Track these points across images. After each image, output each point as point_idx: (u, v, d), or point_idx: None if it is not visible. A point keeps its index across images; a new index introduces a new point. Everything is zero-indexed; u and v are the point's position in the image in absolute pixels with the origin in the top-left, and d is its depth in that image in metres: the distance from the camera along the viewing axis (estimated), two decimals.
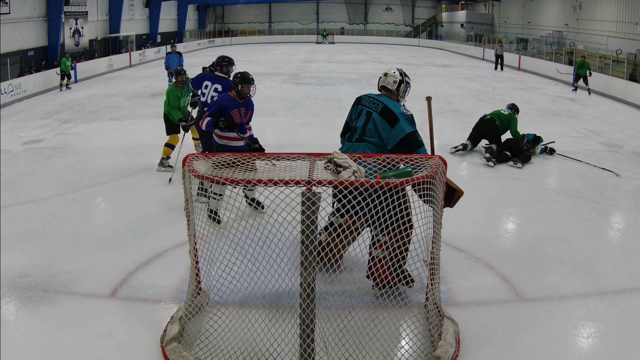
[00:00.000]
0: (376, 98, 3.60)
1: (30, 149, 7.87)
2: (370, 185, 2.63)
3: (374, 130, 3.50)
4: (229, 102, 4.68)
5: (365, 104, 3.62)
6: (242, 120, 4.78)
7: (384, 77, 3.73)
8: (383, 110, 3.48)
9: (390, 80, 3.68)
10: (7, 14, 16.85)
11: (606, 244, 4.74)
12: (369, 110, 3.55)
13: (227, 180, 2.69)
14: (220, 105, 4.65)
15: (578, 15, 25.08)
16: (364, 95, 3.71)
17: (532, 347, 3.10)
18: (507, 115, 7.40)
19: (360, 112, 3.62)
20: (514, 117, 7.43)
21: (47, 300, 3.54)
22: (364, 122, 3.54)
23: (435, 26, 42.58)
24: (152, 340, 3.08)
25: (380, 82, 3.74)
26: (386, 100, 3.56)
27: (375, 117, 3.49)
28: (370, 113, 3.53)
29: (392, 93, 3.69)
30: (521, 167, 6.81)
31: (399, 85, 3.67)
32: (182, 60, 13.34)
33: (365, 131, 3.53)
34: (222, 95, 4.82)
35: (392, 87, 3.68)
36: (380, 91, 3.74)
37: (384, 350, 2.97)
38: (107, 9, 25.02)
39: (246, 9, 43.40)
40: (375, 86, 4.03)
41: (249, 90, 4.69)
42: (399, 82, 3.67)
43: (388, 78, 3.69)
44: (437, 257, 3.20)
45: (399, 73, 3.71)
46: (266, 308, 3.37)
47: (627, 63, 16.22)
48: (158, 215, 5.19)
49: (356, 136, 3.58)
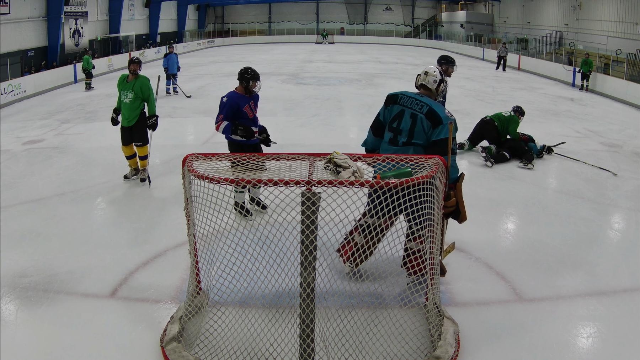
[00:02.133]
0: (418, 99, 3.52)
1: (30, 149, 7.87)
2: (370, 185, 2.64)
3: (422, 132, 3.46)
4: (240, 99, 4.78)
5: (406, 105, 3.53)
6: (254, 113, 4.91)
7: (424, 75, 3.65)
8: (429, 113, 3.45)
9: (430, 79, 3.61)
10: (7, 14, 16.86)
11: (606, 244, 4.74)
12: (414, 112, 3.48)
13: (227, 180, 2.69)
14: (232, 105, 4.72)
15: (578, 15, 25.09)
16: (400, 94, 3.61)
17: (532, 347, 3.10)
18: (507, 117, 7.31)
19: (402, 113, 3.53)
20: (515, 118, 7.35)
21: (47, 300, 3.54)
22: (410, 124, 3.48)
23: (435, 26, 42.59)
24: (152, 340, 3.08)
25: (420, 80, 3.67)
26: (430, 102, 3.50)
27: (422, 118, 3.45)
28: (415, 115, 3.47)
29: (432, 92, 3.63)
30: (532, 168, 6.79)
31: (439, 84, 3.62)
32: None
33: (413, 134, 3.48)
34: (230, 94, 4.79)
35: (432, 87, 3.62)
36: (419, 89, 3.68)
37: (384, 350, 2.97)
38: (107, 9, 25.04)
39: (246, 9, 43.41)
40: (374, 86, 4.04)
41: (256, 86, 4.85)
42: (438, 82, 3.62)
43: (428, 77, 3.62)
44: (437, 257, 3.20)
45: (439, 72, 3.64)
46: (266, 308, 3.37)
47: (627, 63, 16.23)
48: (158, 215, 5.19)
49: (403, 139, 3.51)
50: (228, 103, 4.69)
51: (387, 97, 3.66)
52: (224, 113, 4.68)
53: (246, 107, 4.78)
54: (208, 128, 9.41)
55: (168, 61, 12.99)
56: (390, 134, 3.59)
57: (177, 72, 13.23)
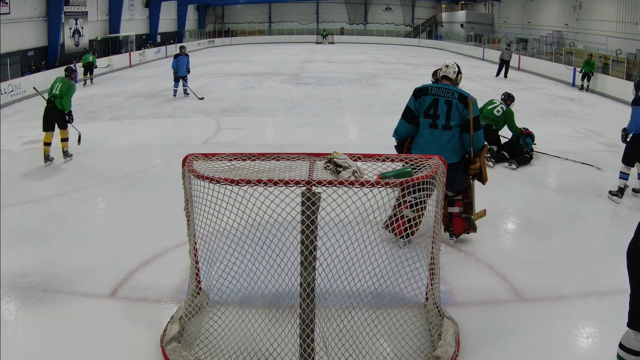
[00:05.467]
0: (447, 87, 4.18)
1: (30, 149, 7.87)
2: (370, 185, 2.64)
3: (457, 114, 4.12)
4: None
5: (438, 94, 4.15)
6: None
7: (445, 68, 4.38)
8: (460, 97, 4.13)
9: (450, 70, 4.36)
10: (7, 14, 16.86)
11: (606, 244, 4.74)
12: (447, 99, 4.13)
13: (227, 180, 2.69)
14: None
15: (578, 15, 25.09)
16: (429, 86, 4.24)
17: (532, 347, 3.10)
18: (500, 116, 7.22)
19: (436, 101, 4.14)
20: (510, 112, 7.21)
21: (47, 300, 3.54)
22: (446, 109, 4.12)
23: (435, 26, 42.59)
24: (152, 340, 3.08)
25: (442, 72, 4.38)
26: (457, 89, 4.19)
27: (456, 102, 4.11)
28: (450, 101, 4.11)
29: (452, 81, 4.35)
30: (515, 169, 6.80)
31: (457, 75, 4.40)
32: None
33: (450, 117, 4.13)
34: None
35: (452, 76, 4.35)
36: (441, 80, 4.37)
37: (384, 350, 2.97)
38: (107, 9, 25.04)
39: (246, 9, 43.40)
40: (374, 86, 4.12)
41: None
42: (457, 72, 4.38)
43: (449, 69, 4.36)
44: (437, 257, 3.20)
45: (456, 65, 4.43)
46: (266, 308, 3.37)
47: (627, 63, 16.24)
48: (158, 215, 5.19)
49: (442, 122, 4.14)
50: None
51: (415, 91, 4.25)
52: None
53: None
54: (208, 128, 9.42)
55: (178, 63, 12.63)
56: (428, 120, 4.19)
57: (187, 74, 12.89)
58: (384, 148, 7.74)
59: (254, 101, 12.05)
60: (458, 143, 4.19)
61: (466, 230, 4.51)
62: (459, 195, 4.40)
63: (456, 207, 4.42)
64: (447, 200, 4.41)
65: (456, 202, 4.42)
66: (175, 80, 12.83)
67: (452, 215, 4.44)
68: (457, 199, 4.41)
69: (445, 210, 4.43)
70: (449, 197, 4.39)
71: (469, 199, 4.48)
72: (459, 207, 4.42)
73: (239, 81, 16.29)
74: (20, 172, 6.65)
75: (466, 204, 4.46)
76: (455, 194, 4.39)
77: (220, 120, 9.93)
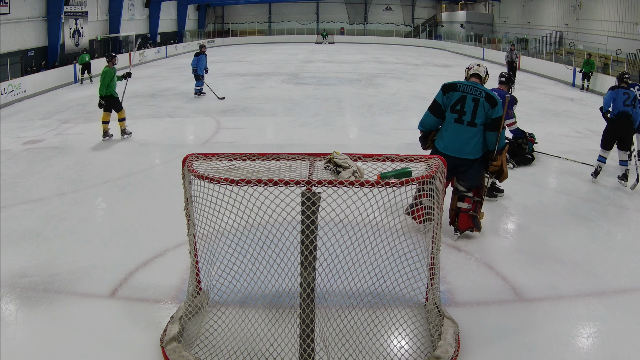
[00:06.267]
0: (476, 86, 4.32)
1: (30, 149, 7.87)
2: (370, 185, 2.64)
3: (483, 112, 4.25)
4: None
5: (467, 91, 4.30)
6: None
7: (476, 66, 4.58)
8: (487, 96, 4.28)
9: (481, 70, 4.56)
10: (7, 14, 16.84)
11: (606, 244, 4.74)
12: (475, 96, 4.27)
13: (227, 180, 2.69)
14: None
15: (578, 15, 25.08)
16: (457, 83, 4.36)
17: (532, 347, 3.10)
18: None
19: (464, 98, 4.29)
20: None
21: (47, 300, 3.54)
22: (473, 107, 4.26)
23: (435, 26, 42.58)
24: (152, 340, 3.08)
25: (473, 70, 4.55)
26: (484, 88, 4.34)
27: (482, 101, 4.26)
28: (477, 99, 4.26)
29: (482, 80, 4.50)
30: (512, 168, 6.81)
31: (486, 75, 4.57)
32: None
33: (476, 114, 4.26)
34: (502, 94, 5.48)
35: (482, 75, 4.52)
36: (471, 78, 4.50)
37: (384, 350, 2.97)
38: (107, 9, 25.01)
39: (246, 9, 43.38)
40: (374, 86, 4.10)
41: None
42: (486, 73, 4.57)
43: (481, 68, 4.57)
44: (437, 257, 3.21)
45: (486, 67, 4.64)
46: (266, 308, 3.37)
47: (627, 63, 16.24)
48: (158, 215, 5.19)
49: (467, 119, 4.29)
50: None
51: (444, 86, 4.40)
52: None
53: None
54: (208, 128, 9.42)
55: (198, 61, 12.50)
56: (454, 115, 4.33)
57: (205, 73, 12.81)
58: (384, 148, 7.77)
59: (254, 101, 12.05)
60: (480, 140, 4.32)
61: (470, 228, 4.60)
62: (470, 192, 4.52)
63: (465, 203, 4.53)
64: (457, 195, 4.55)
65: (466, 199, 4.52)
66: (196, 79, 12.75)
67: (459, 210, 4.55)
68: (468, 195, 4.52)
69: (454, 204, 4.59)
70: (460, 191, 4.53)
71: (480, 198, 4.57)
72: (467, 204, 4.52)
73: (239, 81, 16.28)
74: (20, 172, 6.65)
75: (475, 202, 4.55)
76: (466, 190, 4.50)
77: (220, 120, 9.93)
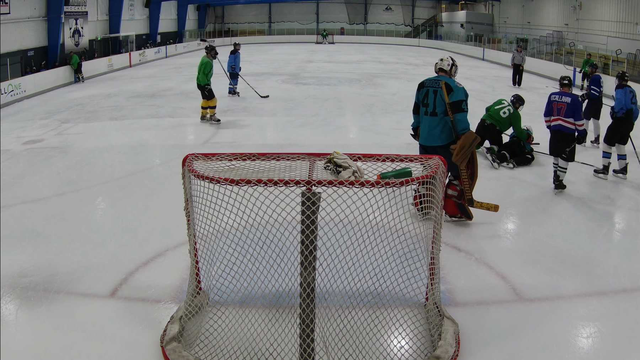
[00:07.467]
0: (437, 79, 4.77)
1: (30, 149, 7.87)
2: (370, 185, 2.64)
3: (442, 101, 4.65)
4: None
5: (429, 85, 4.78)
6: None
7: (440, 62, 4.93)
8: (445, 85, 4.65)
9: (445, 63, 4.88)
10: (7, 14, 16.84)
11: (606, 244, 4.74)
12: (434, 88, 4.72)
13: (227, 180, 2.69)
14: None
15: (578, 15, 25.09)
16: (426, 80, 4.87)
17: (532, 347, 3.10)
18: (506, 118, 7.24)
19: (427, 92, 4.77)
20: (517, 114, 7.26)
21: (47, 300, 3.54)
22: (434, 98, 4.70)
23: (435, 26, 42.58)
24: (152, 340, 3.08)
25: (438, 65, 4.91)
26: (444, 78, 4.76)
27: (439, 91, 4.68)
28: (436, 90, 4.70)
29: (447, 73, 4.85)
30: (512, 168, 6.81)
31: (451, 67, 4.87)
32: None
33: (435, 105, 4.70)
34: (574, 98, 5.87)
35: (447, 68, 4.85)
36: (438, 73, 4.88)
37: (384, 350, 2.97)
38: (107, 9, 25.00)
39: (246, 9, 43.37)
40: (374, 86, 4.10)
41: None
42: (451, 65, 4.87)
43: (444, 62, 4.90)
44: (437, 257, 3.21)
45: (451, 59, 4.95)
46: (266, 308, 3.37)
47: (627, 63, 16.23)
48: (158, 215, 5.19)
49: (430, 110, 4.74)
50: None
51: (418, 85, 4.91)
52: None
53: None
54: (208, 128, 9.42)
55: (235, 59, 12.42)
56: (424, 108, 4.83)
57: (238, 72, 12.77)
58: (384, 148, 7.77)
59: (254, 101, 12.07)
60: (445, 128, 4.71)
61: (458, 216, 4.94)
62: (456, 180, 4.87)
63: (450, 189, 4.90)
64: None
65: (451, 186, 4.91)
66: (233, 78, 12.63)
67: (446, 196, 4.79)
68: (454, 183, 4.89)
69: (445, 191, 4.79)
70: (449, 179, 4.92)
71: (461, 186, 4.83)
72: (452, 190, 4.90)
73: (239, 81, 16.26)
74: (20, 172, 6.65)
75: (460, 190, 4.85)
76: (452, 178, 4.89)
77: (220, 120, 9.93)
